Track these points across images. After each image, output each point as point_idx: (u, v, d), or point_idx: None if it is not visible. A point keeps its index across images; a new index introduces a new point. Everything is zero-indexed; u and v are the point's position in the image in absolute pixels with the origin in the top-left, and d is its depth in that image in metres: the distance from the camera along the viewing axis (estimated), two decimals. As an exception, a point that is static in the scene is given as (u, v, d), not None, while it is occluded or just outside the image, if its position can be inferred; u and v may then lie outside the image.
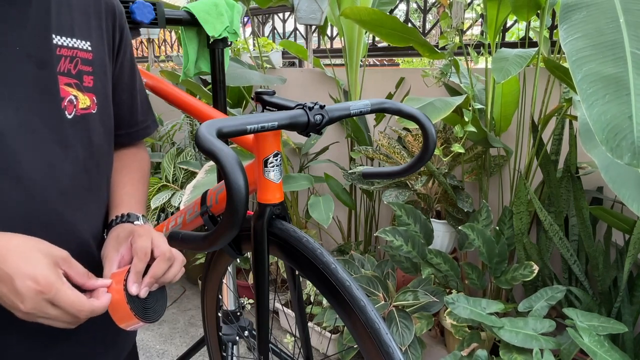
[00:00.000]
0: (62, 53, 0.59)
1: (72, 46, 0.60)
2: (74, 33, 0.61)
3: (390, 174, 0.83)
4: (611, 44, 0.83)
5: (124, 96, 0.73)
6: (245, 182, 0.48)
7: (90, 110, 0.62)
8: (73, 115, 0.60)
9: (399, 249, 1.56)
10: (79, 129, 0.61)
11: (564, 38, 0.89)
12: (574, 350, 1.22)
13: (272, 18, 2.86)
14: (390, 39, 1.66)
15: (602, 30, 0.86)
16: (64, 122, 0.58)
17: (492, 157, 1.77)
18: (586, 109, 0.78)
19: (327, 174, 1.93)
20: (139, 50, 4.05)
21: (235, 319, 1.29)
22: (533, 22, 1.79)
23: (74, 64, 0.60)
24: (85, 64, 0.62)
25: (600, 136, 0.76)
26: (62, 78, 0.58)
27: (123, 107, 0.74)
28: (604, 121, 0.76)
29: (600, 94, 0.78)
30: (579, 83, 0.81)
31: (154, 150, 2.99)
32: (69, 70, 0.59)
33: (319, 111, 0.64)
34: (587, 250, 1.43)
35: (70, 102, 0.59)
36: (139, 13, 0.97)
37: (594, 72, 0.81)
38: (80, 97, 0.61)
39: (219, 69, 1.13)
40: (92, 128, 0.63)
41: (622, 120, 0.75)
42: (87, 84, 0.62)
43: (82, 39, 0.62)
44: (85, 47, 0.62)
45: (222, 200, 0.89)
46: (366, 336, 0.58)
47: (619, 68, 0.80)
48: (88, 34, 0.63)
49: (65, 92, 0.59)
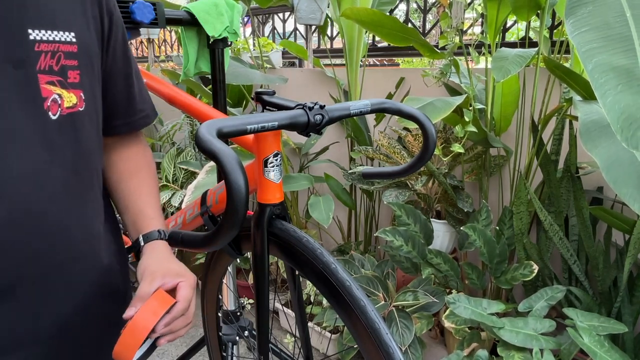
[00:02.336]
0: (42, 49, 0.54)
1: (54, 39, 0.55)
2: (55, 24, 0.56)
3: (390, 174, 0.83)
4: (619, 37, 0.84)
5: (119, 84, 0.68)
6: (246, 182, 0.48)
7: (77, 108, 0.58)
8: (58, 116, 0.56)
9: (399, 249, 1.56)
10: (66, 130, 0.57)
11: (572, 31, 0.89)
12: (574, 350, 1.22)
13: (272, 18, 2.86)
14: (390, 39, 1.66)
15: (609, 24, 0.86)
16: (49, 123, 0.55)
17: (492, 157, 1.77)
18: (599, 97, 0.78)
19: (327, 174, 1.93)
20: (139, 50, 4.05)
21: (235, 319, 1.29)
22: (533, 22, 1.79)
23: (56, 60, 0.55)
24: (70, 58, 0.57)
25: (615, 126, 0.75)
26: (43, 77, 0.54)
27: (120, 95, 0.69)
28: (617, 110, 0.76)
29: (612, 84, 0.78)
30: (590, 72, 0.81)
31: (154, 150, 2.99)
32: (50, 67, 0.55)
33: (319, 111, 0.64)
34: (587, 250, 1.43)
35: (54, 102, 0.55)
36: (139, 13, 0.97)
37: (605, 62, 0.81)
38: (65, 95, 0.56)
39: (219, 69, 1.13)
40: (81, 127, 0.59)
41: (636, 110, 0.75)
42: (72, 79, 0.57)
43: (64, 30, 0.56)
44: (69, 39, 0.57)
45: (222, 200, 0.89)
46: (366, 336, 0.58)
47: (629, 59, 0.80)
48: (71, 24, 0.58)
49: (47, 92, 0.54)
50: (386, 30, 1.61)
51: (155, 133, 3.25)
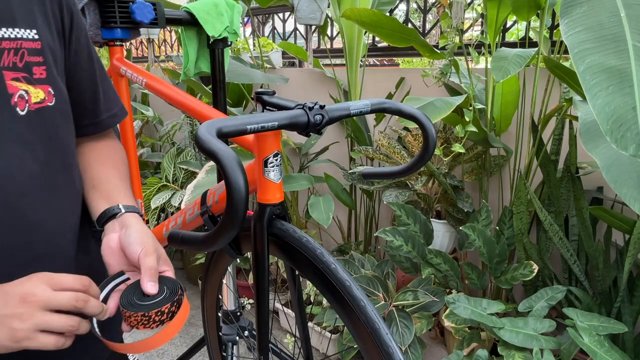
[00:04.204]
0: (4, 46, 0.54)
1: (15, 37, 0.55)
2: (16, 22, 0.56)
3: (390, 174, 0.83)
4: (613, 37, 0.83)
5: (83, 84, 0.68)
6: (245, 182, 0.48)
7: (45, 103, 0.58)
8: (26, 111, 0.56)
9: (399, 249, 1.56)
10: (36, 125, 0.57)
11: (566, 32, 0.89)
12: (574, 350, 1.22)
13: (272, 18, 2.86)
14: (390, 40, 1.66)
15: (603, 24, 0.86)
16: (17, 119, 0.55)
17: (492, 157, 1.77)
18: (590, 99, 0.78)
19: (327, 174, 1.93)
20: (139, 50, 4.05)
21: (235, 319, 1.29)
22: (533, 22, 1.79)
23: (19, 56, 0.55)
24: (33, 55, 0.57)
25: (605, 127, 0.75)
26: (8, 73, 0.54)
27: (85, 96, 0.69)
28: (608, 112, 0.76)
29: (603, 85, 0.78)
30: (582, 74, 0.81)
31: (154, 150, 2.99)
32: (14, 64, 0.55)
33: (319, 111, 0.64)
34: (587, 250, 1.43)
35: (21, 98, 0.55)
36: (139, 13, 0.97)
37: (597, 63, 0.81)
38: (32, 91, 0.57)
39: (219, 69, 1.13)
40: (51, 122, 0.59)
41: (626, 111, 0.75)
42: (38, 75, 0.58)
43: (26, 28, 0.56)
44: (31, 36, 0.57)
45: (222, 200, 0.88)
46: (366, 336, 0.58)
47: (621, 60, 0.80)
48: (32, 22, 0.58)
49: (13, 88, 0.55)
50: (386, 30, 1.61)
51: (155, 133, 3.25)
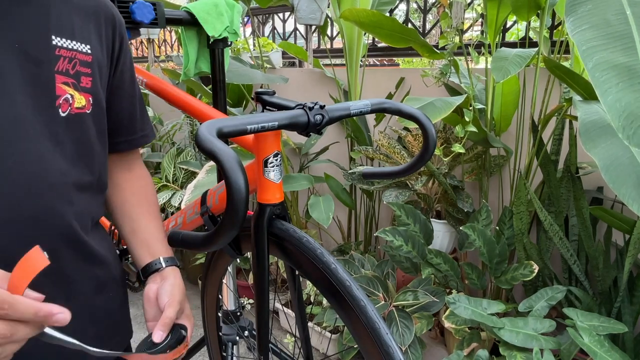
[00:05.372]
0: (61, 54, 0.60)
1: (72, 48, 0.62)
2: (74, 36, 0.62)
3: (390, 174, 0.83)
4: (620, 35, 0.83)
5: (124, 104, 0.75)
6: (246, 182, 0.48)
7: (85, 110, 0.64)
8: (67, 114, 0.61)
9: (399, 249, 1.56)
10: (72, 127, 0.62)
11: (572, 30, 0.89)
12: (574, 350, 1.22)
13: (272, 18, 2.86)
14: (390, 40, 1.66)
15: (609, 22, 0.86)
16: (57, 118, 0.60)
17: (492, 157, 1.77)
18: (600, 95, 0.78)
19: (327, 174, 1.93)
20: (139, 50, 4.05)
21: (235, 319, 1.29)
22: (533, 22, 1.79)
23: (72, 65, 0.61)
24: (84, 66, 0.63)
25: (617, 123, 0.75)
26: (60, 77, 0.60)
27: (124, 114, 0.75)
28: (619, 108, 0.76)
29: (613, 82, 0.78)
30: (591, 70, 0.81)
31: (154, 150, 2.99)
32: (67, 70, 0.61)
33: (319, 111, 0.64)
34: (587, 250, 1.43)
35: (65, 101, 0.61)
36: (139, 13, 0.97)
37: (605, 60, 0.81)
38: (77, 97, 0.62)
39: (219, 69, 1.13)
40: (85, 127, 0.64)
41: (637, 107, 0.75)
42: (84, 84, 0.63)
43: (81, 42, 0.63)
44: (85, 50, 0.64)
45: (222, 200, 0.88)
46: (366, 336, 0.58)
47: (630, 57, 0.80)
48: (88, 38, 0.65)
49: (61, 91, 0.60)
50: (386, 31, 1.61)
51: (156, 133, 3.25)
